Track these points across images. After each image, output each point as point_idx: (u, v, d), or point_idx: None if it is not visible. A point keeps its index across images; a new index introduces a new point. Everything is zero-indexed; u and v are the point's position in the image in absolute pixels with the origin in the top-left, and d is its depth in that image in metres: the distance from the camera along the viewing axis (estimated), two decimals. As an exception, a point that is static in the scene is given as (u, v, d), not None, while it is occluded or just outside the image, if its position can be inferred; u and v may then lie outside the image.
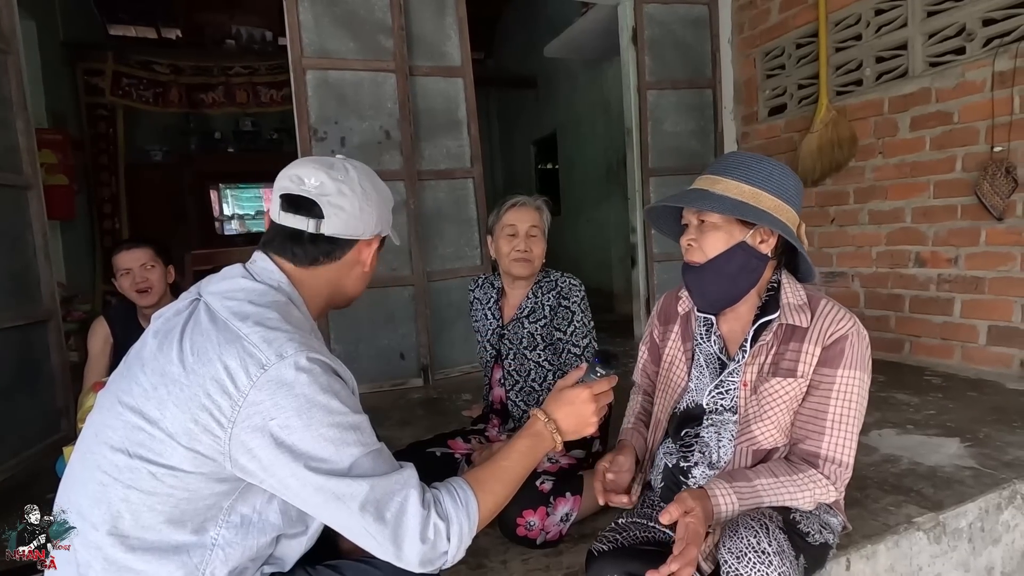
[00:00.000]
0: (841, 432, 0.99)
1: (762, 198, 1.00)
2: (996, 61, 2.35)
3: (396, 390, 2.97)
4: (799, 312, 1.03)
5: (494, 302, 1.76)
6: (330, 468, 0.74)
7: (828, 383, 1.00)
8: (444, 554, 0.78)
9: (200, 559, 0.76)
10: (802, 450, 1.01)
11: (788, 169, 1.05)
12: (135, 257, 1.96)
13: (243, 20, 6.34)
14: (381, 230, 0.95)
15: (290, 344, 0.75)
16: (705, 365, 1.12)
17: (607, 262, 5.47)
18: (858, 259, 3.02)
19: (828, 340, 1.00)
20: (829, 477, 0.98)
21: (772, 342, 1.04)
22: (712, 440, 1.09)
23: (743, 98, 3.63)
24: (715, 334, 1.12)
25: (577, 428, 0.93)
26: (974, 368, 2.57)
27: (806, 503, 0.98)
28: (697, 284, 1.08)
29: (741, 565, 0.85)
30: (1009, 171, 2.33)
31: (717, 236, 1.02)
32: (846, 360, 0.99)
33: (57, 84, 4.98)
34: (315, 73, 2.83)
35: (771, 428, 1.03)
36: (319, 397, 0.74)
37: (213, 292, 0.83)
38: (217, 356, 0.74)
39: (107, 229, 5.54)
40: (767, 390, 1.03)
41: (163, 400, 0.74)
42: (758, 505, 0.95)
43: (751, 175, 1.01)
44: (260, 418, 0.73)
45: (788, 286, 1.06)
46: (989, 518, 1.49)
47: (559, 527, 1.37)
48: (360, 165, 0.95)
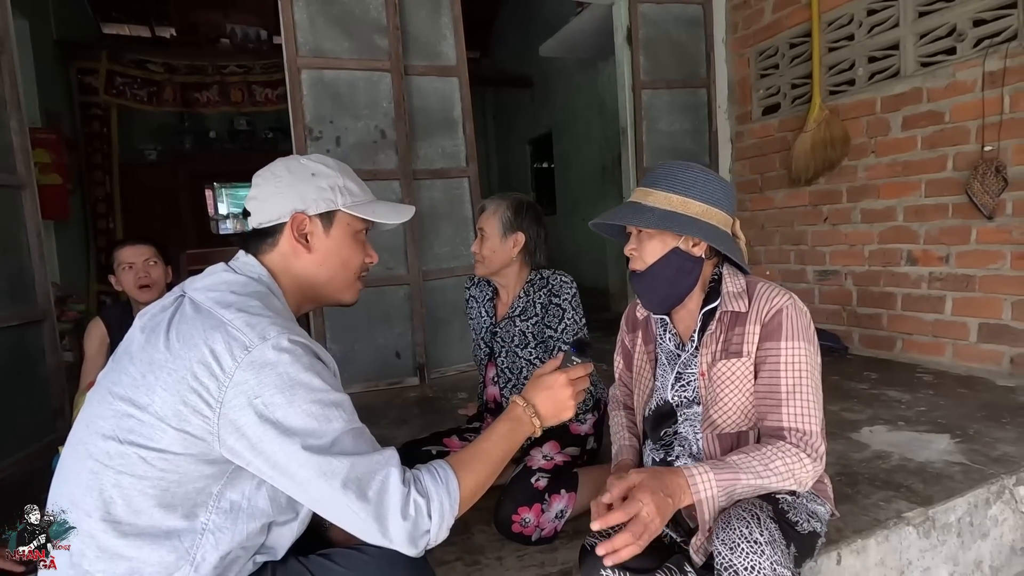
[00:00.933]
0: (798, 401, 1.02)
1: (689, 205, 1.07)
2: (986, 61, 2.38)
3: (392, 389, 2.97)
4: (738, 299, 1.09)
5: (489, 300, 1.77)
6: (313, 444, 0.76)
7: (774, 357, 1.04)
8: (427, 532, 0.79)
9: (191, 543, 0.77)
10: (767, 427, 1.04)
11: (714, 174, 1.12)
12: (139, 252, 1.95)
13: (237, 19, 6.32)
14: (306, 208, 0.92)
15: (272, 327, 0.79)
16: (667, 363, 1.18)
17: (602, 261, 5.49)
18: (851, 257, 3.05)
19: (766, 317, 1.05)
20: (799, 446, 1.00)
21: (719, 329, 1.10)
22: (689, 434, 1.14)
23: (737, 97, 3.65)
24: (671, 331, 1.18)
25: (555, 412, 0.96)
26: (965, 365, 2.59)
27: (785, 477, 0.97)
28: (642, 289, 1.15)
29: (735, 556, 0.87)
30: (999, 170, 2.36)
31: (653, 244, 1.10)
32: (786, 332, 1.03)
33: (51, 83, 4.95)
34: (310, 72, 2.83)
35: (728, 411, 1.07)
36: (301, 375, 0.78)
37: (197, 287, 0.86)
38: (203, 340, 0.77)
39: (101, 229, 5.52)
40: (716, 373, 1.08)
41: (151, 386, 0.77)
42: (735, 479, 0.94)
43: (676, 184, 1.08)
44: (246, 397, 0.75)
45: (728, 277, 1.13)
46: (978, 513, 1.51)
47: (554, 524, 1.39)
48: (293, 156, 0.99)
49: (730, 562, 0.87)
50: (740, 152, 3.67)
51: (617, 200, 4.24)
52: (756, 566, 0.86)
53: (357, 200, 0.97)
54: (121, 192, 5.67)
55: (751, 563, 0.86)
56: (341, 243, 0.96)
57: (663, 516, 0.89)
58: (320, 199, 0.93)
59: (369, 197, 1.00)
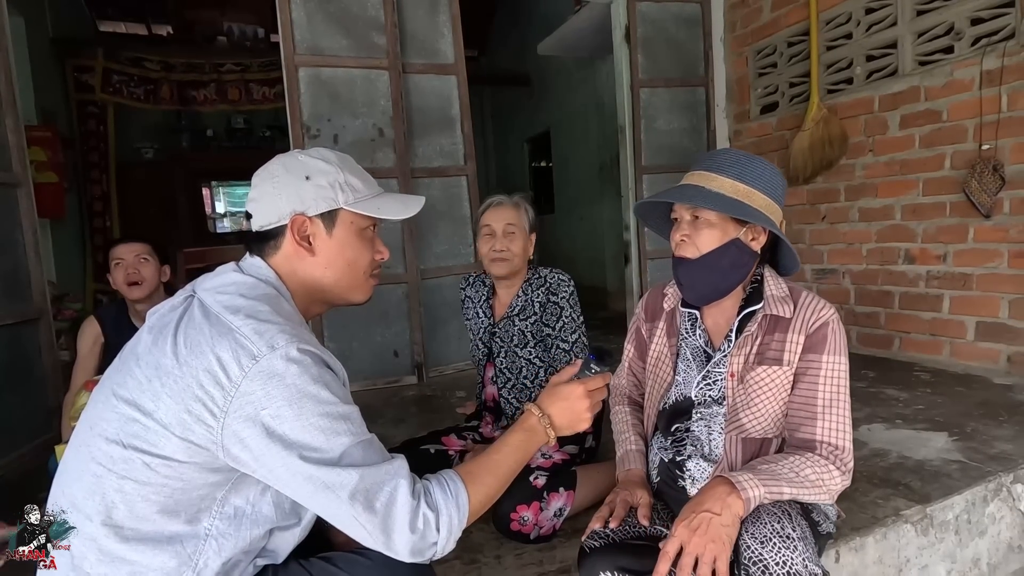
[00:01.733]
0: (833, 416, 1.01)
1: (755, 197, 1.03)
2: (984, 60, 2.38)
3: (390, 388, 2.97)
4: (782, 303, 1.06)
5: (485, 300, 1.77)
6: (320, 457, 0.74)
7: (815, 369, 1.02)
8: (434, 544, 0.78)
9: (193, 549, 0.76)
10: (798, 439, 1.02)
11: (776, 169, 1.08)
12: (130, 248, 1.95)
13: (235, 17, 6.30)
14: (306, 209, 0.87)
15: (281, 335, 0.76)
16: (692, 359, 1.14)
17: (600, 259, 5.49)
18: (849, 256, 3.05)
19: (811, 328, 1.03)
20: (833, 462, 0.98)
21: (757, 332, 1.07)
22: (703, 433, 1.11)
23: (735, 96, 3.65)
24: (700, 328, 1.14)
25: (571, 423, 0.93)
26: (962, 363, 2.60)
27: (817, 486, 0.95)
28: (689, 278, 1.10)
29: (765, 550, 0.85)
30: (996, 169, 2.36)
31: (712, 233, 1.04)
32: (829, 346, 1.03)
33: (47, 81, 4.93)
34: (308, 70, 2.82)
35: (759, 416, 1.05)
36: (310, 387, 0.75)
37: (207, 288, 0.84)
38: (210, 348, 0.75)
39: (98, 228, 5.51)
40: (754, 378, 1.05)
41: (157, 392, 0.75)
42: (777, 485, 0.92)
43: (745, 174, 1.04)
44: (252, 408, 0.73)
45: (771, 279, 1.10)
46: (975, 510, 1.51)
47: (552, 522, 1.38)
48: (291, 152, 0.93)
49: (760, 556, 0.85)
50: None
51: (616, 199, 4.23)
52: (788, 561, 0.84)
53: (360, 196, 0.92)
54: (118, 191, 5.66)
55: (783, 558, 0.84)
56: (345, 243, 0.91)
57: (710, 534, 0.86)
58: (320, 198, 0.88)
59: (374, 191, 0.95)
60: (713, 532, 0.86)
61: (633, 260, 3.71)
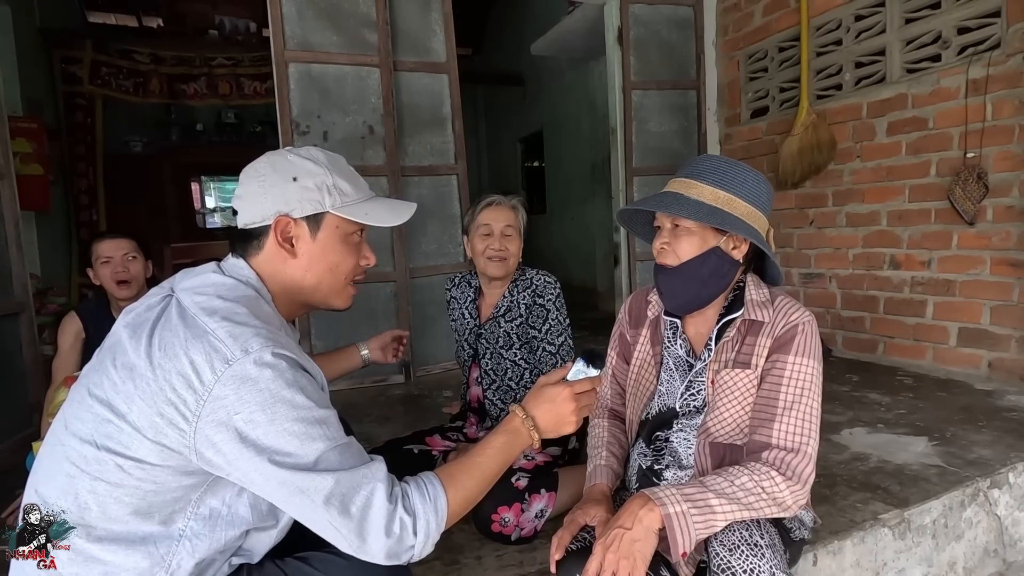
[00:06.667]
0: (793, 418, 0.96)
1: (736, 204, 1.01)
2: (970, 69, 2.41)
3: (377, 386, 2.96)
4: (762, 308, 1.04)
5: (471, 301, 1.76)
6: (294, 462, 0.74)
7: (779, 369, 0.99)
8: (411, 548, 0.78)
9: (167, 550, 0.76)
10: (754, 442, 0.99)
11: (761, 176, 1.06)
12: (118, 246, 1.91)
13: (226, 10, 6.25)
14: (290, 210, 0.86)
15: (256, 339, 0.75)
16: (674, 368, 1.13)
17: (591, 260, 5.50)
18: (835, 260, 3.08)
19: (780, 331, 1.01)
20: (778, 467, 0.92)
21: (736, 338, 1.05)
22: (681, 445, 1.10)
23: (726, 100, 3.67)
24: (680, 337, 1.12)
25: (556, 426, 0.91)
26: (944, 368, 2.63)
27: (759, 496, 0.90)
28: (669, 286, 1.08)
29: (733, 557, 0.85)
30: (980, 177, 2.39)
31: (691, 241, 1.02)
32: (797, 347, 0.99)
33: (33, 71, 4.86)
34: (298, 66, 2.80)
35: (723, 420, 1.03)
36: (284, 392, 0.74)
37: (185, 288, 0.83)
38: (183, 351, 0.74)
39: (84, 221, 5.43)
40: (720, 380, 1.04)
41: (130, 394, 0.74)
42: (702, 492, 0.90)
43: (726, 181, 1.02)
44: (224, 412, 0.73)
45: (753, 286, 1.08)
46: (952, 515, 1.53)
47: (534, 523, 1.38)
48: (281, 151, 0.91)
49: (728, 564, 0.85)
50: (728, 154, 3.68)
51: (607, 200, 4.24)
52: (756, 569, 0.84)
53: (348, 200, 0.90)
54: (105, 184, 5.58)
55: (751, 566, 0.84)
56: (329, 248, 0.89)
57: (621, 551, 0.85)
58: (306, 200, 0.86)
59: (363, 195, 0.93)
60: (624, 549, 0.86)
61: (622, 261, 3.71)
